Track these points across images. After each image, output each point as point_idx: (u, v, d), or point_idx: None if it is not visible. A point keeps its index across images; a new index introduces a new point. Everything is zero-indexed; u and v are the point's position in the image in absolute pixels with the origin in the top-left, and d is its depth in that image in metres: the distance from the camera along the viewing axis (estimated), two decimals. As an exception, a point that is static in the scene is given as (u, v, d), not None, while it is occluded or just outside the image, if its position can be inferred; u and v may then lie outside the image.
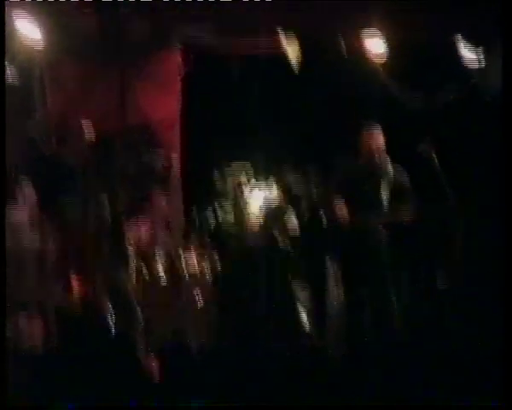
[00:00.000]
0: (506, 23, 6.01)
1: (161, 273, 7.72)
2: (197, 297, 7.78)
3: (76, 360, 5.24)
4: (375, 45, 7.20)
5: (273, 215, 7.25)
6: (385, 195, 7.10)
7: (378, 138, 7.06)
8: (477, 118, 7.83)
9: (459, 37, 7.22)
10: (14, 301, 6.27)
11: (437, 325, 6.84)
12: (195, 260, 7.83)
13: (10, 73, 6.85)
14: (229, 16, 6.81)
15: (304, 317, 7.40)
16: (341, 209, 7.03)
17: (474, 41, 7.20)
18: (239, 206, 9.66)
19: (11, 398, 4.53)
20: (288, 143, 9.16)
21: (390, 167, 7.14)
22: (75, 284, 7.17)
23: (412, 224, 6.99)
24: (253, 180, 9.49)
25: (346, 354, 6.70)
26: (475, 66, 7.27)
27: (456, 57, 7.27)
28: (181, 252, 7.94)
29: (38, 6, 7.05)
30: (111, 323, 7.12)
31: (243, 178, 9.50)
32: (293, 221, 7.92)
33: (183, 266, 7.80)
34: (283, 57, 7.42)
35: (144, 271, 7.61)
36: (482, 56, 7.21)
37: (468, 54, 7.23)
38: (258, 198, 9.67)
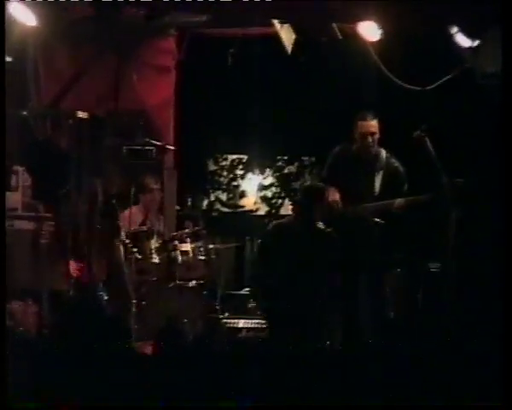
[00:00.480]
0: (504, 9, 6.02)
1: (155, 258, 7.72)
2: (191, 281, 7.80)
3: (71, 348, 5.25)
4: (370, 32, 7.19)
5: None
6: (378, 181, 7.12)
7: (372, 125, 7.07)
8: (472, 104, 7.84)
9: (454, 20, 7.21)
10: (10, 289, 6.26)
11: (435, 320, 6.87)
12: (189, 245, 7.83)
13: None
14: (225, 2, 6.80)
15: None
16: (334, 196, 7.05)
17: (469, 25, 7.20)
18: (234, 191, 9.69)
19: (11, 398, 4.54)
20: (282, 130, 9.18)
21: (384, 154, 7.17)
22: (70, 268, 7.18)
23: (406, 211, 7.02)
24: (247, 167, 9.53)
25: (343, 343, 6.72)
26: (470, 50, 7.27)
27: (451, 42, 7.27)
28: (174, 236, 7.94)
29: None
30: (105, 307, 7.14)
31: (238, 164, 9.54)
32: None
33: (177, 250, 7.80)
34: (279, 44, 7.42)
35: (137, 255, 7.61)
36: (478, 41, 7.21)
37: (463, 38, 7.23)
38: (253, 184, 9.72)
